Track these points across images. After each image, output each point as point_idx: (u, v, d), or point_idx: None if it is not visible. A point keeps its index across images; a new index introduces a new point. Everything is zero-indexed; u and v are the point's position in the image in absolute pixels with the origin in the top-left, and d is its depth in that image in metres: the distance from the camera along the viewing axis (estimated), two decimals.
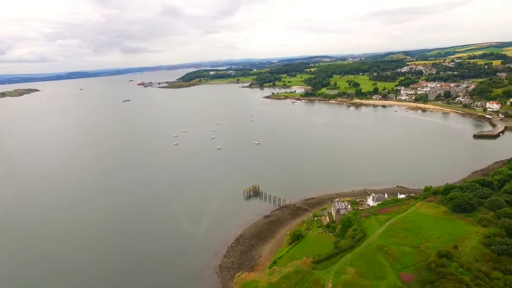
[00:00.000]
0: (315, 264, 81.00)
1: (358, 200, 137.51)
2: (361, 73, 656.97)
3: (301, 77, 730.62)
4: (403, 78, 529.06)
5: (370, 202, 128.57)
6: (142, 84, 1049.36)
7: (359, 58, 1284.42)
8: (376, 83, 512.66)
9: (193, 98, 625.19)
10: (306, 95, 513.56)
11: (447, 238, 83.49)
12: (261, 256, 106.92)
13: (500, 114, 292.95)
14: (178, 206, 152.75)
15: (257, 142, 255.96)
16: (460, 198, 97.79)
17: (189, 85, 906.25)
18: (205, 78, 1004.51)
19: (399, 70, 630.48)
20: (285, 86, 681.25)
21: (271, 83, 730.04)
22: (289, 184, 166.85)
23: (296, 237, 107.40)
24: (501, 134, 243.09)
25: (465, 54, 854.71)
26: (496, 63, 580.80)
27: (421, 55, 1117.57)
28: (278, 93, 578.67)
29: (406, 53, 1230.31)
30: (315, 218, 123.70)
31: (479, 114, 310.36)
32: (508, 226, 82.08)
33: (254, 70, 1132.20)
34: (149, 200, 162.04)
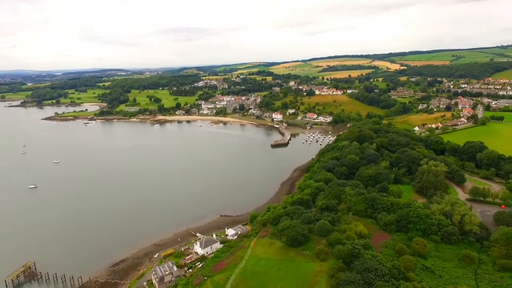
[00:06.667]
0: None
1: (183, 249, 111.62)
2: (160, 88, 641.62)
3: (94, 93, 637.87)
4: (201, 92, 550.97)
5: (198, 249, 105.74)
6: None
7: (156, 72, 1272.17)
8: (177, 98, 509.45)
9: None
10: (101, 113, 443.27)
11: None
12: None
13: (283, 123, 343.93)
14: None
15: (32, 186, 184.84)
16: (292, 230, 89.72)
17: None
18: None
19: (196, 84, 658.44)
20: (73, 103, 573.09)
21: (54, 101, 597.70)
22: (84, 247, 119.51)
23: None
24: (289, 141, 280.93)
25: (245, 71, 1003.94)
26: (269, 79, 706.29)
27: (211, 70, 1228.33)
28: (64, 112, 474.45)
29: (199, 68, 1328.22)
30: None
31: (269, 124, 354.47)
32: (343, 256, 78.50)
33: (29, 84, 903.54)
34: None
